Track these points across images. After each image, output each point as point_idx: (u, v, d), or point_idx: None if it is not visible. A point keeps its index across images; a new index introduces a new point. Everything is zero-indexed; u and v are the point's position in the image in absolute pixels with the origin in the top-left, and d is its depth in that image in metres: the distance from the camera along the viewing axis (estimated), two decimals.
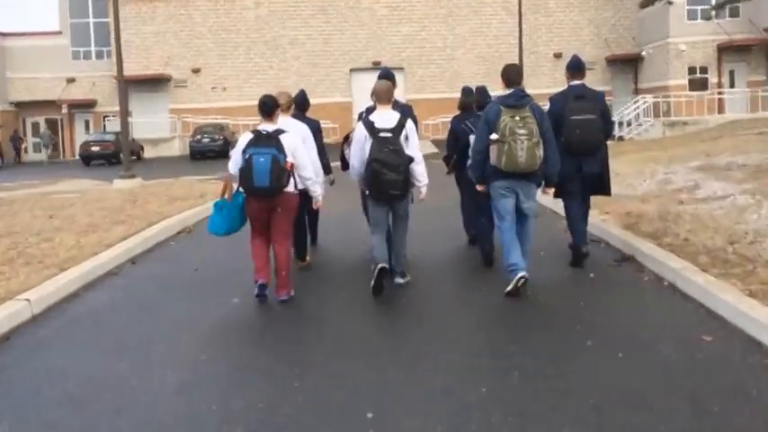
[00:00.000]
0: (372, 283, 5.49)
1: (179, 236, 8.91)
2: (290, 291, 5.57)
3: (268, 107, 5.35)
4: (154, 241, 8.30)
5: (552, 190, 5.97)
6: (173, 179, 17.39)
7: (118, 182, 15.51)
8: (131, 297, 6.08)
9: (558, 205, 7.10)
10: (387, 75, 6.29)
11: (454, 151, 6.93)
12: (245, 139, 5.27)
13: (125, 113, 15.95)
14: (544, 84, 30.09)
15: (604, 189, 6.39)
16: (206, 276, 6.67)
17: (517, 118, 5.20)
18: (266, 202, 5.24)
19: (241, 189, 5.28)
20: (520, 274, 5.27)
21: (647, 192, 9.64)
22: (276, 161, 5.07)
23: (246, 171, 5.09)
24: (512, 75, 5.46)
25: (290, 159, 5.20)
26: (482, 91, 6.84)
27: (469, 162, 5.92)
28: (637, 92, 32.96)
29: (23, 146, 35.26)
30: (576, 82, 6.13)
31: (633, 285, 5.82)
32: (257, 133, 5.23)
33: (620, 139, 26.82)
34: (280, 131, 5.27)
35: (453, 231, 7.87)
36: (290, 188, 5.31)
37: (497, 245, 6.03)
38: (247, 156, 5.11)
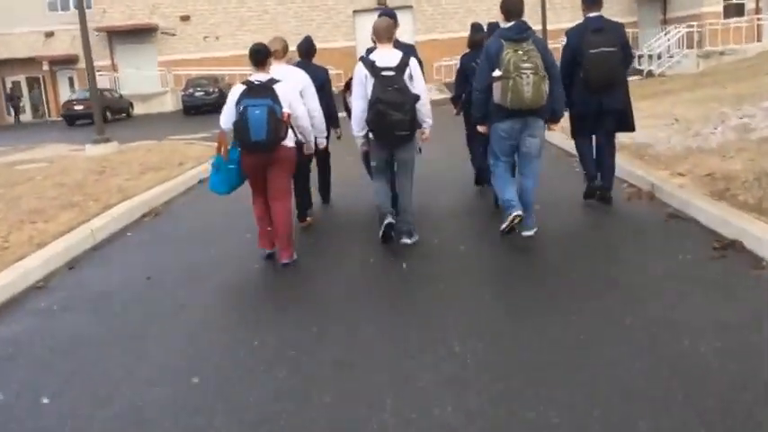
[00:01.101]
0: (381, 233, 5.43)
1: (142, 221, 7.27)
2: (293, 254, 5.34)
3: (260, 55, 5.15)
4: (106, 232, 6.65)
5: (558, 126, 5.66)
6: (155, 141, 15.64)
7: (90, 148, 13.79)
8: (47, 334, 4.29)
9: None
10: (388, 14, 5.89)
11: (463, 90, 6.74)
12: (236, 90, 5.09)
13: (91, 66, 14.16)
14: (566, 18, 27.75)
15: (628, 125, 6.20)
16: (160, 288, 5.02)
17: (520, 52, 5.02)
18: (263, 156, 5.05)
19: (237, 144, 5.07)
20: (516, 213, 5.16)
21: (725, 143, 7.82)
22: (273, 112, 4.89)
23: (241, 124, 4.89)
24: (511, 6, 5.22)
25: (286, 110, 5.02)
26: (493, 28, 6.27)
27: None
28: (665, 22, 30.57)
29: (22, 105, 33.58)
30: (594, 14, 5.97)
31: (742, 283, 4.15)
32: (250, 84, 5.04)
33: (650, 74, 24.79)
34: (274, 81, 5.08)
35: (460, 175, 7.72)
36: (288, 141, 5.14)
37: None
38: (241, 108, 4.91)
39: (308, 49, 6.83)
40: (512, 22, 5.21)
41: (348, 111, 6.32)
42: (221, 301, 4.71)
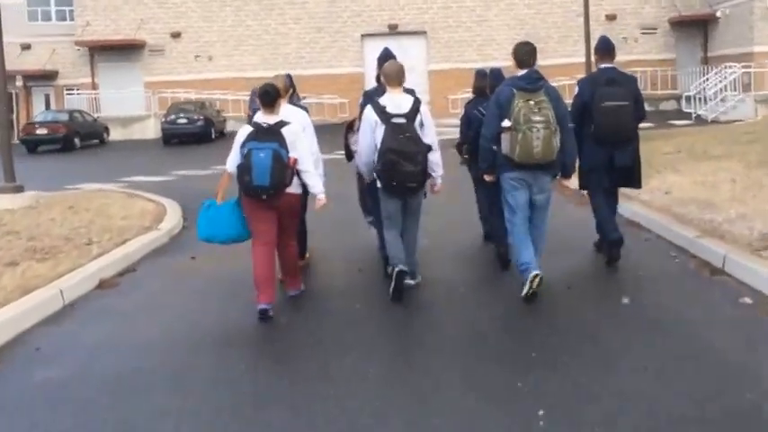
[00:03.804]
0: (391, 288, 5.39)
1: None
2: (301, 285, 5.69)
3: (270, 97, 5.19)
4: None
5: (569, 182, 5.70)
6: (97, 188, 13.50)
7: None
8: None
9: None
10: (390, 55, 5.99)
11: (467, 139, 6.85)
12: (243, 132, 5.16)
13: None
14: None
15: (634, 181, 6.26)
16: None
17: (532, 103, 5.06)
18: (266, 201, 5.07)
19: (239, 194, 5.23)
20: (533, 273, 5.15)
21: None
22: (278, 157, 4.94)
23: (245, 168, 4.95)
24: (524, 55, 5.30)
25: (292, 155, 5.07)
26: (496, 74, 6.52)
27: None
28: (706, 61, 28.48)
29: None
30: (607, 65, 6.10)
31: None
32: (257, 126, 5.14)
33: (698, 117, 22.42)
34: (282, 124, 5.15)
35: (467, 223, 7.78)
36: (294, 188, 5.22)
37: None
38: (246, 151, 4.99)
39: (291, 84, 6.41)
40: (524, 71, 5.24)
41: (347, 152, 6.62)
42: None
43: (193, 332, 5.03)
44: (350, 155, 6.64)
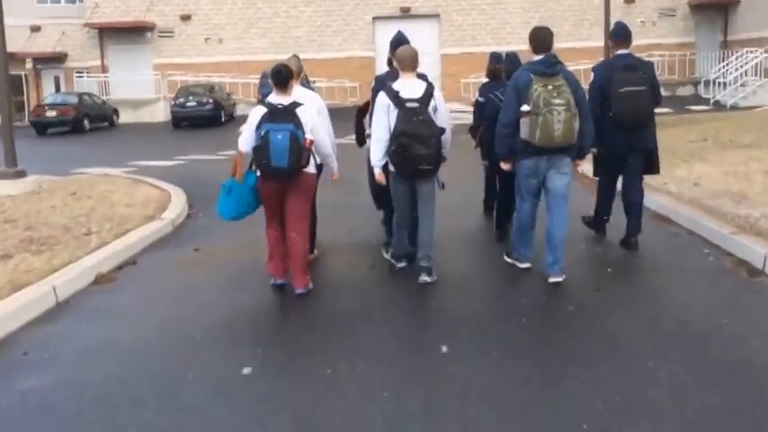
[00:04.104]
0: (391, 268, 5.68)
1: None
2: (309, 283, 5.42)
3: (282, 77, 5.10)
4: None
5: (583, 163, 5.81)
6: (101, 172, 13.15)
7: None
8: None
9: None
10: (403, 39, 5.87)
11: (482, 121, 6.77)
12: (257, 113, 5.09)
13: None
14: None
15: (653, 167, 6.21)
16: None
17: (550, 87, 4.99)
18: (283, 183, 5.08)
19: (254, 168, 5.17)
20: (523, 265, 5.51)
21: None
22: (295, 138, 4.90)
23: (262, 150, 4.92)
24: (540, 39, 5.24)
25: (308, 136, 5.03)
26: (512, 58, 6.60)
27: None
28: (726, 45, 27.68)
29: None
30: (623, 51, 6.05)
31: None
32: (272, 107, 5.03)
33: (716, 103, 21.81)
34: (296, 104, 5.08)
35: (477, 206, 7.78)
36: (309, 168, 5.17)
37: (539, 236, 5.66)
38: (263, 132, 4.93)
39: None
40: (541, 55, 5.19)
41: (359, 136, 6.55)
42: None
43: (193, 333, 4.67)
44: (361, 140, 6.57)
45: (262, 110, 5.07)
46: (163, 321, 4.96)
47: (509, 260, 5.74)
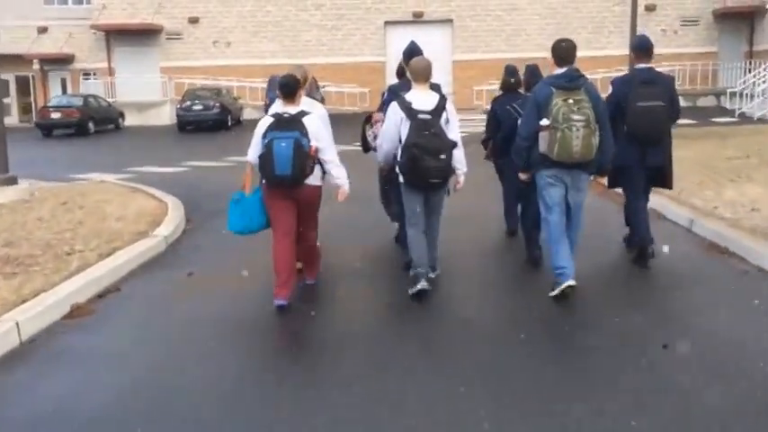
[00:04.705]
0: (413, 292, 5.25)
1: None
2: (316, 276, 5.76)
3: (290, 88, 5.12)
4: None
5: (604, 179, 5.84)
6: (99, 178, 12.43)
7: None
8: None
9: None
10: (417, 50, 5.87)
11: (494, 134, 6.74)
12: (264, 123, 5.10)
13: None
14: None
15: (666, 182, 6.12)
16: None
17: (571, 101, 4.95)
18: (287, 192, 5.06)
19: (261, 179, 5.15)
20: (568, 282, 5.05)
21: None
22: (299, 146, 4.88)
23: (266, 158, 4.90)
24: (563, 52, 5.17)
25: (313, 144, 4.99)
26: (532, 70, 6.44)
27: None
28: (751, 55, 26.79)
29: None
30: (643, 65, 5.95)
31: None
32: (278, 116, 5.07)
33: (742, 115, 20.95)
34: (303, 114, 5.08)
35: (491, 218, 7.60)
36: (314, 180, 5.11)
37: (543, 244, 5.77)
38: (267, 141, 4.93)
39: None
40: (563, 69, 5.12)
41: (364, 144, 6.69)
42: None
43: (177, 382, 3.87)
44: (366, 147, 6.74)
45: (269, 120, 5.06)
46: (141, 369, 4.12)
47: (556, 292, 5.10)
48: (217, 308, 5.25)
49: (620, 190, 6.30)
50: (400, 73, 6.33)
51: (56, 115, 23.72)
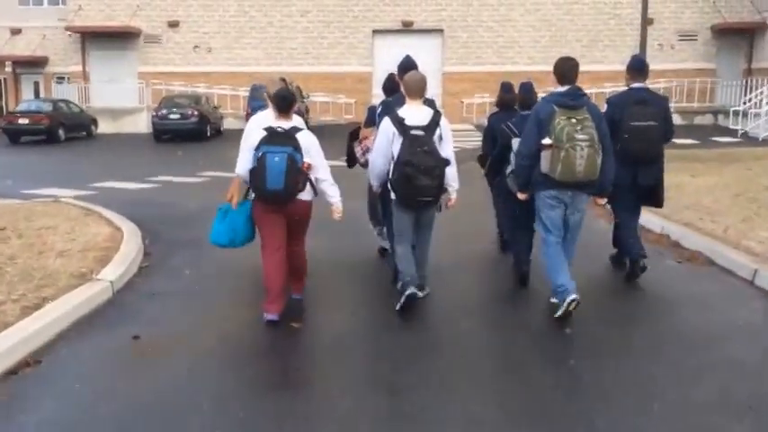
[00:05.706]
0: (399, 305, 5.26)
1: None
2: (302, 291, 5.74)
3: (287, 102, 5.09)
4: None
5: (604, 200, 5.74)
6: (54, 196, 11.13)
7: None
8: None
9: None
10: (412, 64, 5.78)
11: (491, 150, 6.59)
12: (254, 135, 5.02)
13: None
14: (626, 56, 22.95)
15: (657, 200, 6.18)
16: None
17: (574, 120, 4.90)
18: (279, 207, 5.03)
19: (251, 194, 5.14)
20: (571, 297, 4.97)
21: None
22: (293, 161, 4.86)
23: (258, 171, 4.86)
24: (567, 70, 5.15)
25: (306, 159, 5.00)
26: (527, 87, 6.38)
27: (510, 168, 5.78)
28: (749, 73, 25.96)
29: None
30: (638, 84, 6.00)
31: None
32: (271, 130, 4.98)
33: (744, 135, 20.06)
34: (297, 129, 5.08)
35: (483, 233, 7.61)
36: (306, 195, 5.11)
37: (534, 261, 5.92)
38: (260, 154, 4.88)
39: None
40: (565, 87, 5.08)
41: (349, 160, 6.71)
42: None
43: None
44: (352, 162, 6.72)
45: (261, 133, 4.95)
46: None
47: (560, 313, 5.03)
48: (168, 389, 3.97)
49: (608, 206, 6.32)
50: (387, 88, 6.27)
51: (23, 121, 22.11)
